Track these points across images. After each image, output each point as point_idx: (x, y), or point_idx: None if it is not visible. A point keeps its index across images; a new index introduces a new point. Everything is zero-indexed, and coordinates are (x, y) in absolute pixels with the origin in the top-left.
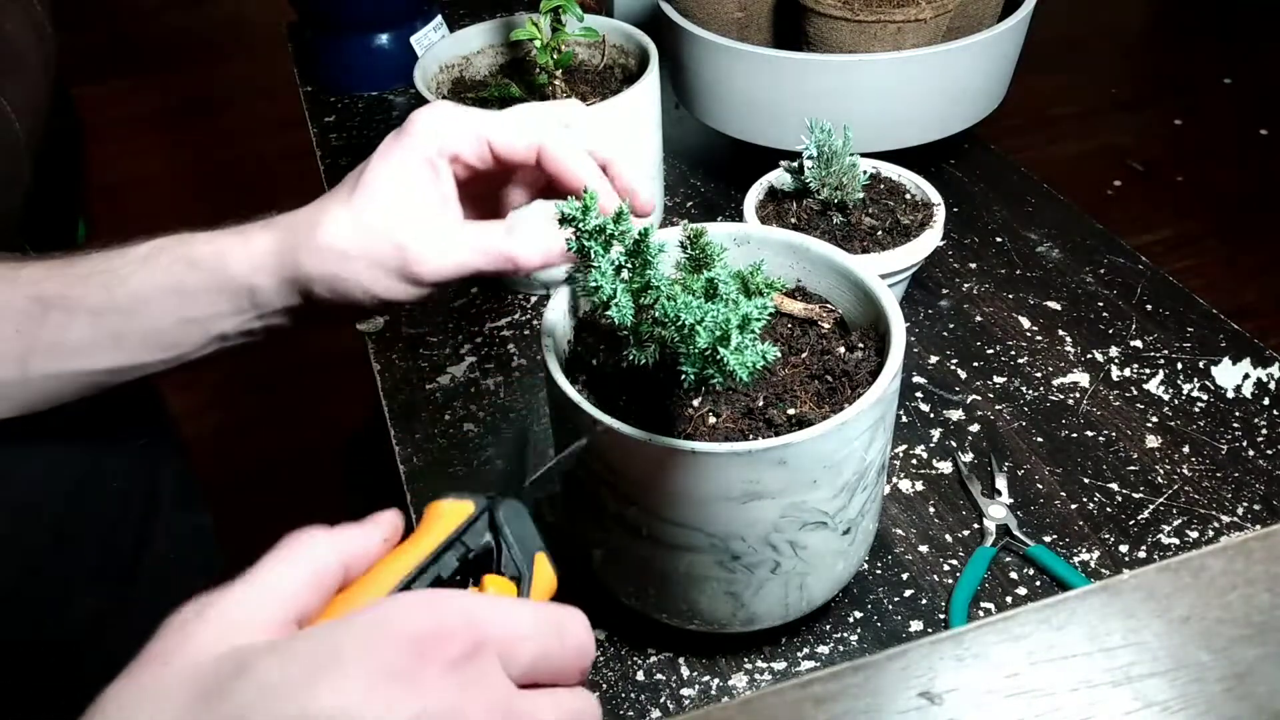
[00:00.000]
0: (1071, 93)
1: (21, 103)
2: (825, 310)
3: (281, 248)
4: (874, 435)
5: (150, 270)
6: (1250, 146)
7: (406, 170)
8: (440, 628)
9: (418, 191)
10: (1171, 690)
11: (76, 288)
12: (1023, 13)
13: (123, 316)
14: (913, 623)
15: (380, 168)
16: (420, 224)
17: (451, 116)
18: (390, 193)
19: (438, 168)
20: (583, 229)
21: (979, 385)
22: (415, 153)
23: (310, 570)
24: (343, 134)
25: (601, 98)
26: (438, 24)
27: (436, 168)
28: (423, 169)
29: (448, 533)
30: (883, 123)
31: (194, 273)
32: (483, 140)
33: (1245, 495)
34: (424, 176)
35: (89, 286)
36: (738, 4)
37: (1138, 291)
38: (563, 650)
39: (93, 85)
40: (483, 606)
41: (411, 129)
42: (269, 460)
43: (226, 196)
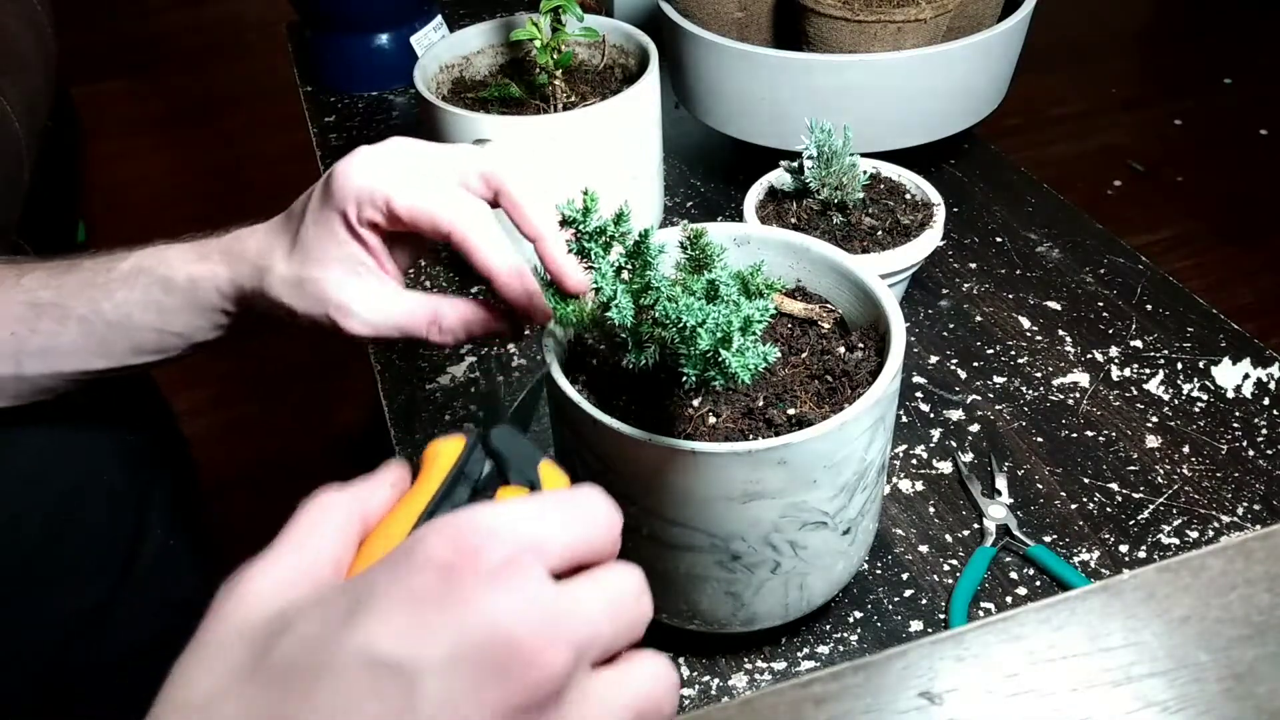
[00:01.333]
0: (1071, 93)
1: (21, 103)
2: (825, 310)
3: (237, 284)
4: (874, 435)
5: (131, 289)
6: (1250, 146)
7: (333, 234)
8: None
9: (348, 258)
10: (1171, 690)
11: (68, 298)
12: (1023, 13)
13: (109, 327)
14: (913, 623)
15: (312, 228)
16: (351, 292)
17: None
18: (321, 256)
19: (359, 233)
20: (582, 230)
21: (979, 385)
22: (337, 215)
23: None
24: (343, 134)
25: (601, 98)
26: (438, 24)
27: (358, 233)
28: (347, 235)
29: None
30: (883, 123)
31: (170, 296)
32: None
33: (1245, 495)
34: (350, 243)
35: (79, 298)
36: (738, 4)
37: (1138, 291)
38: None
39: (93, 85)
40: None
41: (332, 188)
42: (269, 460)
43: (226, 197)
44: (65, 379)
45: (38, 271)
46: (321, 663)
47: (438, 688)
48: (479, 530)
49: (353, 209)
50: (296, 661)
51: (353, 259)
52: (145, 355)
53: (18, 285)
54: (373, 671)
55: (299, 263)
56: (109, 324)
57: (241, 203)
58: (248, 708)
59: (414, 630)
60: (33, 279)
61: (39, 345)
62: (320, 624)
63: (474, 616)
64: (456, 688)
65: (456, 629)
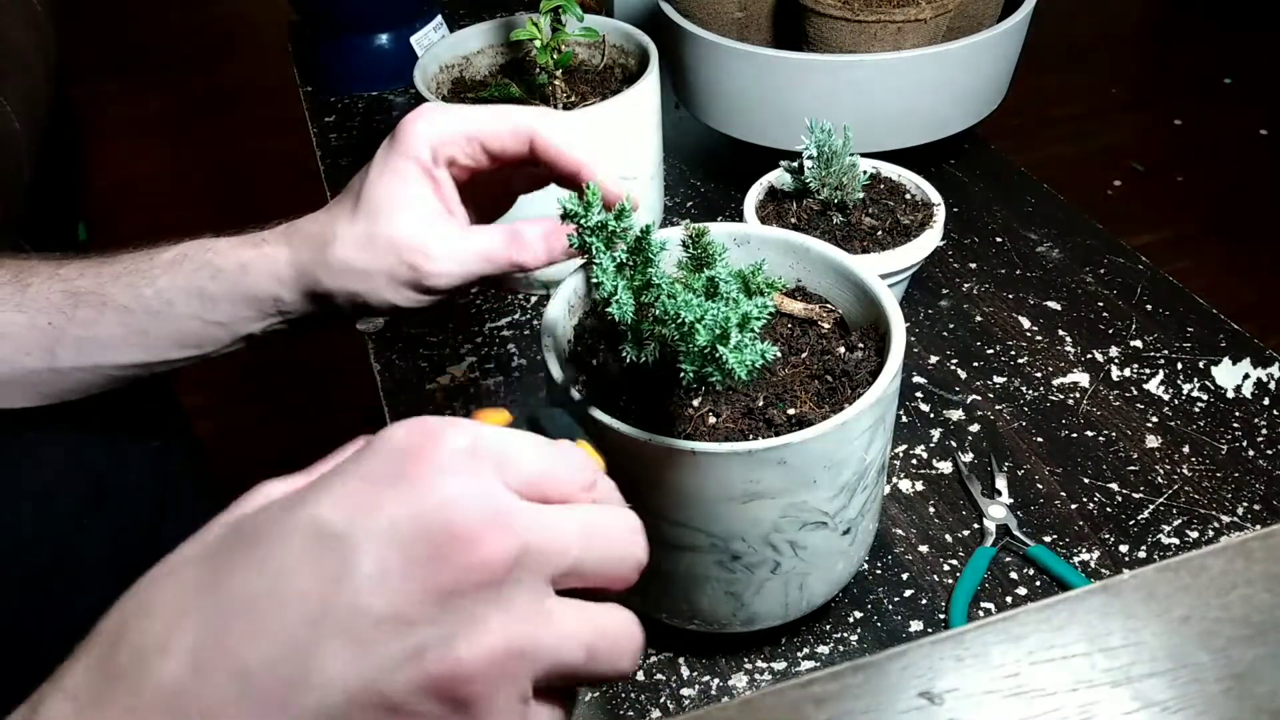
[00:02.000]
0: (1071, 93)
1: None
2: (825, 310)
3: (298, 262)
4: (874, 435)
5: (175, 275)
6: (1250, 146)
7: (405, 181)
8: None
9: (419, 202)
10: (1171, 690)
11: (107, 286)
12: (1023, 13)
13: (149, 316)
14: (913, 623)
15: (379, 181)
16: (426, 236)
17: (439, 121)
18: (392, 206)
19: (434, 175)
20: (585, 225)
21: (979, 385)
22: (410, 161)
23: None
24: (343, 134)
25: (601, 98)
26: (438, 24)
27: (433, 175)
28: (420, 178)
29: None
30: (883, 123)
31: (217, 282)
32: (473, 140)
33: (1245, 495)
34: (423, 186)
35: (118, 285)
36: (738, 4)
37: (1138, 291)
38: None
39: (93, 85)
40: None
41: (402, 137)
42: (269, 460)
43: (227, 196)
44: (100, 373)
45: (76, 261)
46: (270, 530)
47: (373, 559)
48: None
49: (426, 150)
50: (252, 531)
51: (425, 203)
52: (185, 348)
53: (56, 275)
54: (313, 537)
55: (366, 219)
56: (150, 312)
57: (241, 202)
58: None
59: (359, 504)
60: (71, 268)
61: (76, 335)
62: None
63: (418, 497)
64: (391, 561)
65: (399, 506)
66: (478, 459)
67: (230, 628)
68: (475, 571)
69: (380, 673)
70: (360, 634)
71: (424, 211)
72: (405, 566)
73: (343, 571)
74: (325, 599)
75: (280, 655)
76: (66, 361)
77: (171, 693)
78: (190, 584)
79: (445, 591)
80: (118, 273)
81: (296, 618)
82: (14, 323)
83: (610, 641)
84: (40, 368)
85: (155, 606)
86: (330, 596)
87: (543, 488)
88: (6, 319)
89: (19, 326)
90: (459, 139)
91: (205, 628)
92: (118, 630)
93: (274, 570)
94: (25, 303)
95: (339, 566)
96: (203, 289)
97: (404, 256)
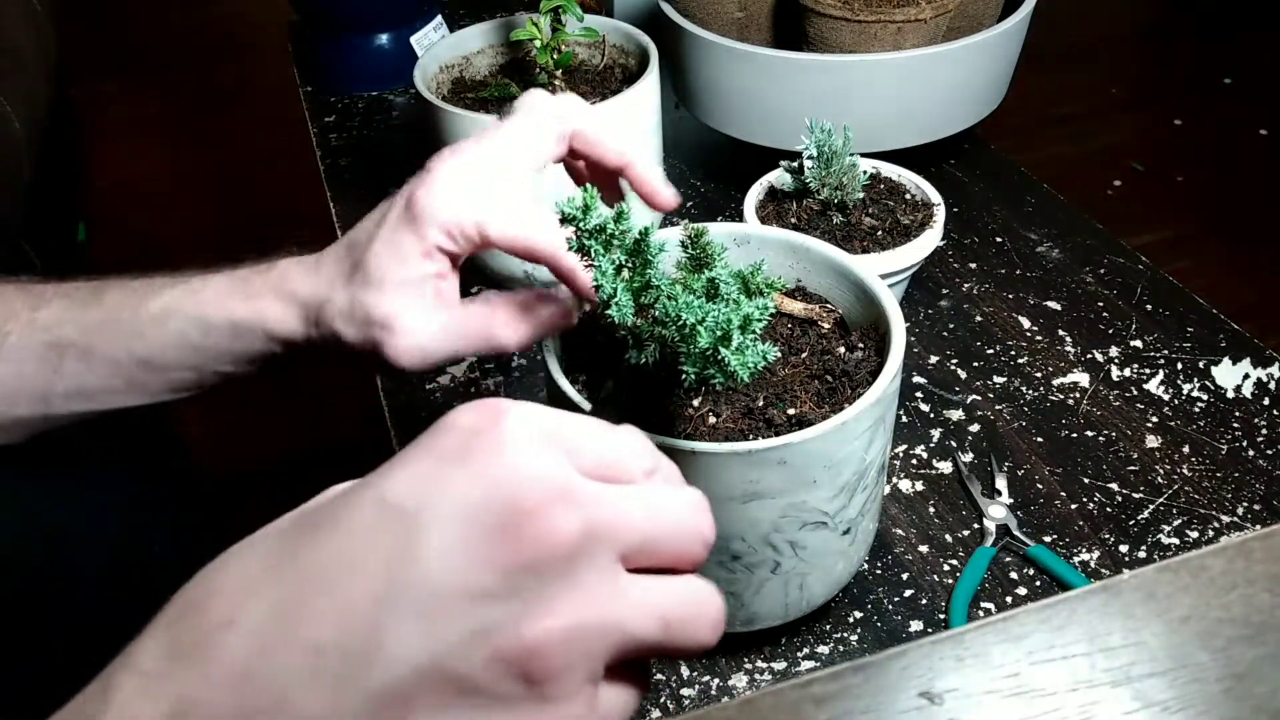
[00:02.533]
0: (1071, 93)
1: (21, 103)
2: (825, 310)
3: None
4: (874, 435)
5: (164, 331)
6: (1250, 146)
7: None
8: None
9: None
10: (1171, 690)
11: (92, 336)
12: (1023, 13)
13: (141, 368)
14: (913, 623)
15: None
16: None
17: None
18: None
19: (434, 256)
20: (583, 228)
21: (979, 385)
22: (415, 239)
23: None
24: (343, 134)
25: (601, 98)
26: (438, 24)
27: (433, 256)
28: (418, 258)
29: None
30: (883, 123)
31: (208, 338)
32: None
33: (1245, 495)
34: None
35: (104, 337)
36: (738, 4)
37: (1138, 291)
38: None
39: (93, 85)
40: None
41: (419, 221)
42: (268, 460)
43: (227, 197)
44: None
45: (55, 304)
46: (338, 511)
47: (441, 536)
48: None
49: (434, 234)
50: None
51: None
52: (183, 392)
53: (33, 321)
54: (380, 515)
55: (358, 287)
56: (141, 363)
57: (242, 202)
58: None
59: (426, 481)
60: (50, 313)
61: (66, 388)
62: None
63: (486, 474)
64: (459, 538)
65: (466, 483)
66: (544, 438)
67: (299, 606)
68: (543, 547)
69: (449, 650)
70: (429, 611)
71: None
72: (474, 543)
73: (411, 549)
74: (394, 576)
75: (349, 633)
76: (60, 409)
77: (239, 670)
78: (258, 564)
79: (514, 568)
80: (102, 320)
81: (365, 595)
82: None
83: (688, 613)
84: (33, 415)
85: (223, 585)
86: (399, 574)
87: (607, 470)
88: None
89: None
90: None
91: (273, 606)
92: (185, 609)
93: (342, 549)
94: (6, 354)
95: (407, 544)
96: (197, 346)
97: (372, 330)
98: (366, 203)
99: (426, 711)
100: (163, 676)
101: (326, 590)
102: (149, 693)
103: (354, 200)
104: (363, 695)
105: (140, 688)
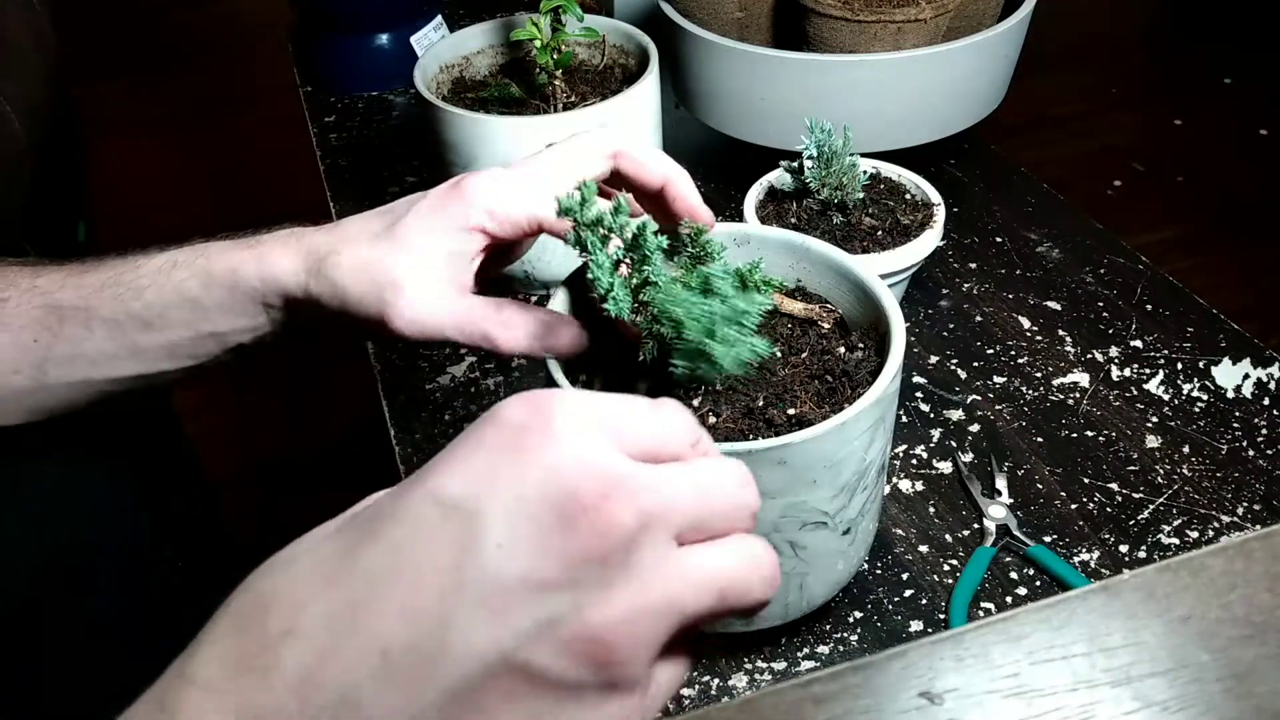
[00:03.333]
0: (1071, 93)
1: (21, 103)
2: (825, 310)
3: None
4: (874, 435)
5: (165, 285)
6: (1250, 146)
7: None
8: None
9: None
10: (1171, 690)
11: (91, 299)
12: (1023, 13)
13: (139, 329)
14: (913, 623)
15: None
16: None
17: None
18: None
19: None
20: (580, 220)
21: (979, 385)
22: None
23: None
24: (343, 134)
25: (601, 98)
26: (438, 24)
27: (472, 238)
28: (455, 232)
29: None
30: (883, 123)
31: (208, 290)
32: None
33: (1245, 495)
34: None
35: (103, 298)
36: (738, 4)
37: (1138, 291)
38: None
39: (93, 85)
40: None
41: (467, 197)
42: (267, 460)
43: (226, 197)
44: (91, 388)
45: (54, 272)
46: (394, 509)
47: (501, 529)
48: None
49: (479, 213)
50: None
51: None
52: (178, 359)
53: (33, 288)
54: (439, 511)
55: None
56: (140, 324)
57: (242, 202)
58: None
59: (480, 475)
60: (49, 279)
61: (64, 352)
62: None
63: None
64: (520, 531)
65: (522, 477)
66: (592, 426)
67: (361, 608)
68: (603, 537)
69: (518, 641)
70: (496, 605)
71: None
72: (534, 536)
73: (472, 543)
74: (458, 571)
75: (417, 630)
76: (56, 377)
77: (304, 676)
78: (314, 569)
79: (575, 558)
80: (102, 283)
81: (430, 591)
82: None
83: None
84: (30, 385)
85: (279, 593)
86: (463, 570)
87: (654, 448)
88: None
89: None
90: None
91: (334, 610)
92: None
93: (402, 546)
94: (5, 319)
95: (468, 538)
96: (196, 299)
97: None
98: (366, 203)
99: (497, 704)
100: (225, 689)
101: (390, 591)
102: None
103: (354, 200)
104: (434, 692)
105: (202, 702)
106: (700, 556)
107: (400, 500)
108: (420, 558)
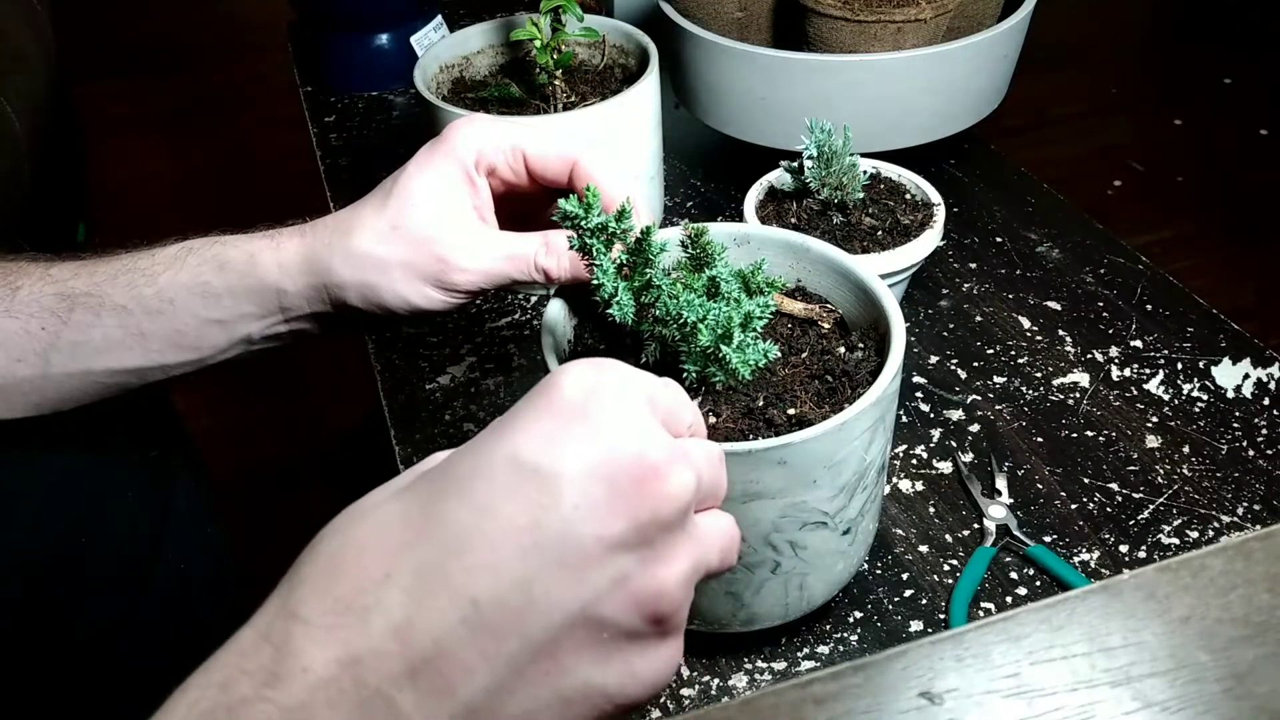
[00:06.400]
0: (1071, 93)
1: (21, 103)
2: (825, 310)
3: (313, 253)
4: (874, 435)
5: (178, 270)
6: (1250, 146)
7: (443, 180)
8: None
9: (454, 202)
10: (1171, 690)
11: (104, 285)
12: (1023, 13)
13: (148, 315)
14: (913, 623)
15: (416, 176)
16: (457, 233)
17: (488, 130)
18: (427, 202)
19: (474, 180)
20: (584, 227)
21: (979, 385)
22: (452, 162)
23: None
24: (343, 134)
25: (601, 98)
26: (438, 24)
27: (473, 179)
28: (459, 179)
29: None
30: (883, 123)
31: (222, 274)
32: (518, 153)
33: (1245, 495)
34: (460, 187)
35: (116, 285)
36: (738, 4)
37: (1138, 291)
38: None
39: (93, 85)
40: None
41: (449, 140)
42: (267, 460)
43: (226, 197)
44: (93, 379)
45: (68, 262)
46: (470, 467)
47: (578, 491)
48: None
49: (470, 154)
50: (449, 470)
51: (460, 203)
52: (182, 350)
53: (47, 276)
54: (516, 473)
55: (395, 211)
56: (149, 312)
57: (242, 202)
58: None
59: (553, 439)
60: (63, 269)
61: (70, 339)
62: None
63: (609, 433)
64: (595, 493)
65: (593, 441)
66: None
67: (449, 559)
68: (669, 501)
69: (595, 596)
70: (575, 562)
71: (457, 211)
72: (608, 498)
73: (551, 503)
74: (537, 530)
75: (503, 584)
76: (59, 367)
77: (400, 621)
78: (396, 521)
79: (644, 520)
80: (115, 271)
81: (513, 547)
82: (5, 329)
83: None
84: (33, 375)
85: (369, 542)
86: (542, 527)
87: (674, 424)
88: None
89: (11, 333)
90: (504, 148)
91: (423, 560)
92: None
93: (482, 503)
94: (16, 308)
95: (546, 498)
96: (206, 284)
97: (433, 249)
98: None
99: (571, 654)
100: (328, 627)
101: (474, 545)
102: (317, 640)
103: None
104: (518, 642)
105: (307, 635)
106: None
107: (475, 462)
108: (501, 516)
